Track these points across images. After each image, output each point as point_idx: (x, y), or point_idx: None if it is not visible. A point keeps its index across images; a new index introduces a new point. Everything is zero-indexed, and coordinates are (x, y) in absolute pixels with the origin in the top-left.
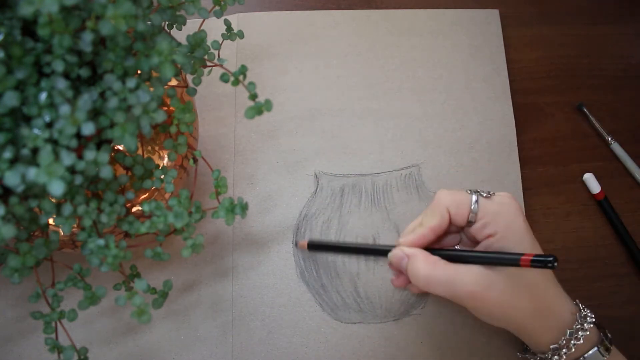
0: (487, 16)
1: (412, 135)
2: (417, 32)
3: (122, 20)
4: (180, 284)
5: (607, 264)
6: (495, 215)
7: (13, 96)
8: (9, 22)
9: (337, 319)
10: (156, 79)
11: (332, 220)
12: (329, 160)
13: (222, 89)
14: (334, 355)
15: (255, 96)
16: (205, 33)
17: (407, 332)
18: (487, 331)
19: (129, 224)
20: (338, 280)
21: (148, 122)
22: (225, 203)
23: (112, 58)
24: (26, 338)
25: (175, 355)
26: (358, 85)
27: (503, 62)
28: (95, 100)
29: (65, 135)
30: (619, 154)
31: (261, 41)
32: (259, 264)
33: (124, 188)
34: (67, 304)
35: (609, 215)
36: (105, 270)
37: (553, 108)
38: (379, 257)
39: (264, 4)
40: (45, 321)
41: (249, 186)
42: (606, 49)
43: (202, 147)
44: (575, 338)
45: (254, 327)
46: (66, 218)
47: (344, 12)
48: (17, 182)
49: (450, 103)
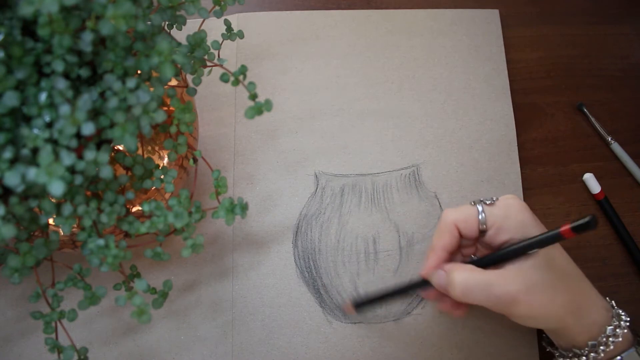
0: (487, 16)
1: (412, 135)
2: (417, 32)
3: (122, 20)
4: (180, 284)
5: (607, 264)
6: (505, 218)
7: (13, 96)
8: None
9: (337, 319)
10: (156, 79)
11: (332, 220)
12: (329, 160)
13: (222, 89)
14: (334, 355)
15: (255, 96)
16: (205, 33)
17: (407, 332)
18: (487, 331)
19: (129, 224)
20: (338, 280)
21: (148, 122)
22: (225, 203)
23: (112, 58)
24: (26, 338)
25: (175, 355)
26: (358, 85)
27: (503, 62)
28: (95, 100)
29: (65, 135)
30: (619, 154)
31: (261, 41)
32: (259, 264)
33: (124, 188)
34: (67, 304)
35: (609, 215)
36: (105, 270)
37: (553, 108)
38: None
39: (264, 4)
40: (45, 321)
41: (249, 186)
42: (606, 49)
43: (202, 147)
44: (614, 335)
45: (254, 327)
46: (66, 218)
47: (344, 12)
48: (17, 182)
49: (450, 103)
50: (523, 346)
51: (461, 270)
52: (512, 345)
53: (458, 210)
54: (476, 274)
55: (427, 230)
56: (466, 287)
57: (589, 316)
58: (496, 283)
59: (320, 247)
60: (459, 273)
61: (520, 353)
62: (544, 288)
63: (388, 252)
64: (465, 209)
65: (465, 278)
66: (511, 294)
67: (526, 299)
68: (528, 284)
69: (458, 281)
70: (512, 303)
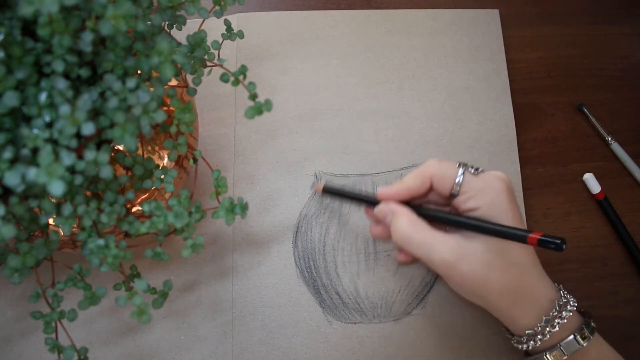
0: (487, 16)
1: (412, 135)
2: (417, 32)
3: (122, 20)
4: (180, 284)
5: (607, 264)
6: (479, 191)
7: (13, 96)
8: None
9: (337, 319)
10: (156, 79)
11: (332, 220)
12: (329, 160)
13: (222, 89)
14: (334, 355)
15: (255, 96)
16: (205, 33)
17: (407, 332)
18: (487, 331)
19: (129, 224)
20: (338, 280)
21: (148, 122)
22: (225, 203)
23: (112, 58)
24: (26, 338)
25: (175, 355)
26: (358, 85)
27: (503, 62)
28: (95, 100)
29: (65, 135)
30: (619, 154)
31: (261, 41)
32: (259, 264)
33: (124, 188)
34: (67, 304)
35: (609, 215)
36: (105, 270)
37: (553, 108)
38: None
39: (264, 4)
40: (45, 321)
41: (249, 186)
42: (606, 49)
43: (202, 147)
44: (551, 325)
45: (254, 327)
46: (66, 218)
47: (344, 12)
48: (17, 182)
49: (450, 103)
50: None
51: (406, 219)
52: (512, 346)
53: (440, 165)
54: (419, 229)
55: None
56: (405, 237)
57: (530, 303)
58: (434, 245)
59: (320, 247)
60: (403, 221)
61: (520, 353)
62: (477, 262)
63: (388, 252)
64: (447, 167)
65: (407, 228)
66: (444, 260)
67: (456, 267)
68: (462, 254)
69: (399, 228)
70: (443, 268)
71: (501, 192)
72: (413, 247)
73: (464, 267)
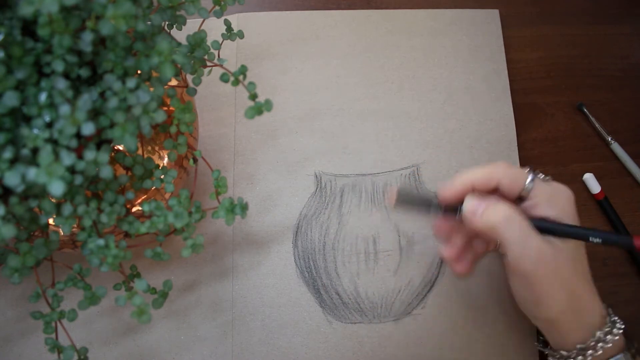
0: (487, 16)
1: (412, 135)
2: (417, 32)
3: (122, 20)
4: (180, 284)
5: (607, 264)
6: (550, 197)
7: (13, 96)
8: (9, 22)
9: (337, 319)
10: (156, 79)
11: (332, 220)
12: (329, 160)
13: (222, 89)
14: (334, 355)
15: (255, 96)
16: (205, 33)
17: (407, 332)
18: (487, 331)
19: (129, 224)
20: (338, 280)
21: (148, 122)
22: (225, 203)
23: (112, 58)
24: (26, 338)
25: (175, 355)
26: (358, 85)
27: (503, 62)
28: (95, 100)
29: (65, 135)
30: (619, 154)
31: (261, 41)
32: (259, 264)
33: (124, 188)
34: (67, 304)
35: (609, 215)
36: (105, 270)
37: (553, 108)
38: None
39: (264, 4)
40: (45, 321)
41: (249, 186)
42: (606, 49)
43: (202, 147)
44: (603, 341)
45: (254, 327)
46: (66, 218)
47: (344, 12)
48: (17, 182)
49: (450, 103)
50: (523, 347)
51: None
52: (512, 346)
53: (511, 169)
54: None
55: (427, 231)
56: (508, 216)
57: (585, 317)
58: (532, 241)
59: (320, 247)
60: (506, 205)
61: (520, 353)
62: (559, 274)
63: (388, 252)
64: (518, 171)
65: (511, 212)
66: (538, 261)
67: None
68: (548, 263)
69: (501, 209)
70: (530, 265)
71: (570, 199)
72: (512, 229)
73: (544, 276)
